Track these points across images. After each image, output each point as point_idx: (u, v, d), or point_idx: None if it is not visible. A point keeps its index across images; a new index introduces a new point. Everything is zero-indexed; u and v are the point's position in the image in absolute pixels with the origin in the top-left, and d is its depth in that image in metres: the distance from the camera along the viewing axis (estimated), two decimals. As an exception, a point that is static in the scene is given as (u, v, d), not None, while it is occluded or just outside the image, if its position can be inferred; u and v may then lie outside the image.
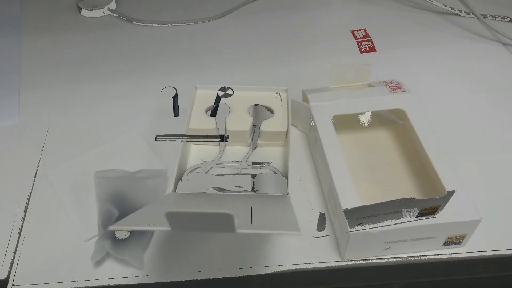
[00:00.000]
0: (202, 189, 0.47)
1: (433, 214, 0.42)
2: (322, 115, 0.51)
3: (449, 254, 0.45)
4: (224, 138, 0.53)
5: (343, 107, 0.52)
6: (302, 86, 0.57)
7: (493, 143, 0.55)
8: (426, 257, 0.45)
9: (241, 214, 0.38)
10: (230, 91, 0.56)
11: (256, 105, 0.55)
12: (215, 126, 0.53)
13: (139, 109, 0.61)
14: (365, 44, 0.71)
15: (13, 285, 0.44)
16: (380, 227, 0.41)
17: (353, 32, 0.74)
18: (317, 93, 0.54)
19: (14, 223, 0.48)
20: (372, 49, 0.71)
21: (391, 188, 0.48)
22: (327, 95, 0.54)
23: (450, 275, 0.45)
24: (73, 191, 0.51)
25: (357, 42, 0.72)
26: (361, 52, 0.70)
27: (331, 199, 0.46)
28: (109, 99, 0.63)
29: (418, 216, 0.42)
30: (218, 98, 0.56)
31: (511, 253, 0.45)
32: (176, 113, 0.59)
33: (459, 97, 0.62)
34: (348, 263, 0.45)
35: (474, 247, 0.45)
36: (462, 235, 0.44)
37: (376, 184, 0.49)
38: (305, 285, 0.44)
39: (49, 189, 0.51)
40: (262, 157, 0.53)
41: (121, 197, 0.48)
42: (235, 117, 0.54)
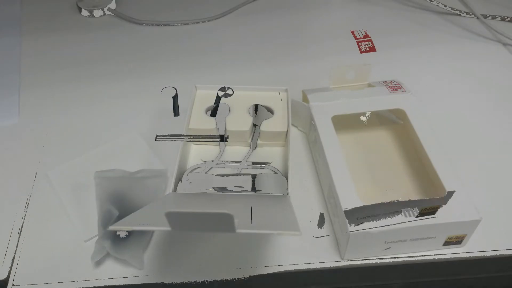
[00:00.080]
0: (202, 189, 0.47)
1: (433, 214, 0.42)
2: (322, 115, 0.51)
3: (449, 254, 0.45)
4: (224, 138, 0.53)
5: (343, 107, 0.52)
6: (302, 86, 0.57)
7: (493, 143, 0.55)
8: (426, 257, 0.45)
9: (241, 214, 0.38)
10: (230, 91, 0.56)
11: (256, 105, 0.55)
12: (215, 126, 0.53)
13: (139, 109, 0.61)
14: (365, 44, 0.71)
15: (13, 285, 0.44)
16: (380, 227, 0.41)
17: (353, 32, 0.74)
18: (317, 93, 0.54)
19: (14, 223, 0.48)
20: (372, 49, 0.71)
21: (391, 188, 0.48)
22: (327, 95, 0.54)
23: (450, 275, 0.45)
24: (73, 191, 0.51)
25: (357, 42, 0.72)
26: (361, 52, 0.70)
27: (331, 199, 0.46)
28: (109, 99, 0.63)
29: (418, 216, 0.42)
30: (218, 98, 0.56)
31: (511, 253, 0.45)
32: (176, 113, 0.59)
33: (459, 97, 0.62)
34: (348, 263, 0.45)
35: (474, 247, 0.45)
36: (462, 235, 0.44)
37: (376, 184, 0.49)
38: (305, 285, 0.44)
39: (49, 189, 0.51)
40: (262, 157, 0.53)
41: (121, 197, 0.48)
42: (235, 117, 0.54)
